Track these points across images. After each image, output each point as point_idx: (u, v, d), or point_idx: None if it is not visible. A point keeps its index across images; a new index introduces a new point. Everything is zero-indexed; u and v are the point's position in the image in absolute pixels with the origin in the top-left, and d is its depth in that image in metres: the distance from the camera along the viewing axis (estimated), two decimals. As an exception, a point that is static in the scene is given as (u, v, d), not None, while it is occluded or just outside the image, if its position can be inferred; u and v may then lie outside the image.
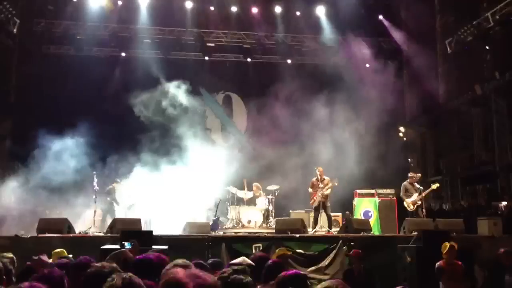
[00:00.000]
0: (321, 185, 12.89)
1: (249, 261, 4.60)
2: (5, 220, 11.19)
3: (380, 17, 16.86)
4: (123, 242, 7.46)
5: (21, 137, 14.25)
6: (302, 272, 3.79)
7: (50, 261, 6.01)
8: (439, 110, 16.11)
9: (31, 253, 7.10)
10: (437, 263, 7.20)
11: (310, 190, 12.61)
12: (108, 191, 13.00)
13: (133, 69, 15.50)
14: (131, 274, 2.38)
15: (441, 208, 15.05)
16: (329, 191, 12.49)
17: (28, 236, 9.71)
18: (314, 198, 12.50)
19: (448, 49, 15.60)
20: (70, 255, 6.38)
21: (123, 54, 16.31)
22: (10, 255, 5.52)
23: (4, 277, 3.99)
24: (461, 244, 7.72)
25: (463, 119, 15.29)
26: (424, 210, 12.25)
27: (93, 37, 15.84)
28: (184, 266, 3.31)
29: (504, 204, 13.08)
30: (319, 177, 12.57)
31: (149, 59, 16.26)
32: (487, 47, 14.38)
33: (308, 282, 3.45)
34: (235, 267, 3.07)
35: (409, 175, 12.81)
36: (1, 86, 15.13)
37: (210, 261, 4.96)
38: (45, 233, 9.88)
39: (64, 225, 10.49)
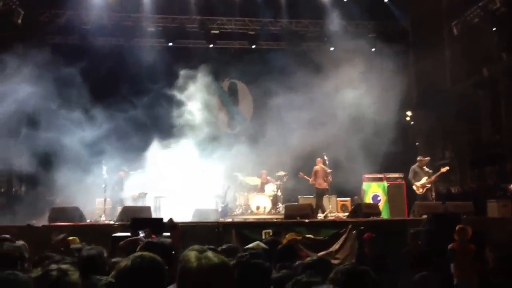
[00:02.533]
0: (329, 170, 13.02)
1: (263, 245, 4.62)
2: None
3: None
4: (137, 231, 7.50)
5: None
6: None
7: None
8: (446, 93, 16.01)
9: (43, 241, 7.19)
10: (449, 245, 7.21)
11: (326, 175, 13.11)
12: (116, 180, 13.04)
13: (137, 58, 15.44)
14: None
15: (450, 191, 15.02)
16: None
17: (40, 225, 9.80)
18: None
19: (455, 31, 15.46)
20: (83, 243, 6.44)
21: (127, 43, 16.27)
22: (21, 242, 5.60)
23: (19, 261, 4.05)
24: (471, 226, 7.71)
25: (471, 101, 15.19)
26: (433, 193, 12.26)
27: (97, 26, 15.78)
28: (201, 251, 3.33)
29: (513, 186, 13.05)
30: (327, 163, 12.84)
31: (154, 47, 16.21)
32: (493, 29, 14.23)
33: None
34: (253, 251, 3.08)
35: (417, 158, 12.81)
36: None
37: (224, 246, 4.97)
38: (56, 222, 9.98)
39: (76, 214, 10.60)
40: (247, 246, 4.71)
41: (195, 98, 15.15)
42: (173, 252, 4.17)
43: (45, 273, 2.44)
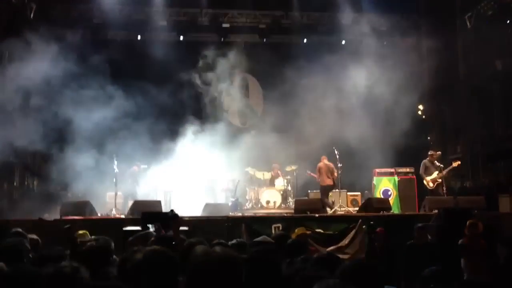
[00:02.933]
0: (339, 165, 13.01)
1: (269, 239, 4.62)
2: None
3: (398, -8, 16.52)
4: (147, 225, 7.56)
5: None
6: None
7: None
8: (459, 87, 15.84)
9: (55, 235, 7.25)
10: (460, 240, 7.16)
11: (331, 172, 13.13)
12: (129, 174, 13.14)
13: (149, 52, 15.47)
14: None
15: (461, 186, 14.90)
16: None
17: (52, 219, 9.90)
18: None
19: (468, 24, 15.28)
20: (93, 237, 6.49)
21: (139, 37, 16.32)
22: (34, 236, 5.66)
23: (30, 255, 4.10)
24: (483, 221, 7.65)
25: (484, 95, 15.00)
26: (444, 188, 12.17)
27: (109, 20, 15.82)
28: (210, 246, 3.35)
29: (526, 181, 12.91)
30: (337, 157, 12.85)
31: (165, 41, 16.23)
32: (507, 21, 14.03)
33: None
34: (264, 246, 3.07)
35: (429, 153, 12.74)
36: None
37: (234, 241, 4.97)
38: (68, 216, 10.07)
39: (87, 208, 10.69)
40: (255, 240, 4.71)
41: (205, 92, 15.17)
42: (173, 243, 4.23)
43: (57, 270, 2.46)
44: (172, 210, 4.51)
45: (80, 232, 6.64)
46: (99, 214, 11.50)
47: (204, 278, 2.05)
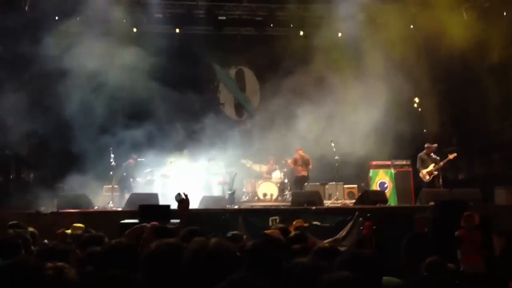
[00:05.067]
0: (336, 157, 13.06)
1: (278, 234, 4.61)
2: None
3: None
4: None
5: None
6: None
7: (69, 232, 6.18)
8: (455, 79, 15.86)
9: (51, 228, 7.25)
10: (456, 232, 7.22)
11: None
12: (125, 167, 13.12)
13: (145, 45, 15.37)
14: None
15: (457, 178, 14.96)
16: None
17: (49, 212, 9.89)
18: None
19: (464, 15, 15.27)
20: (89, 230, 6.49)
21: (134, 29, 16.20)
22: (31, 229, 5.66)
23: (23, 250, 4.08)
24: (479, 213, 7.70)
25: (479, 87, 15.02)
26: (440, 180, 12.22)
27: (104, 12, 15.68)
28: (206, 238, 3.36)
29: (522, 173, 12.97)
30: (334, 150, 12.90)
31: (161, 34, 16.12)
32: (504, 13, 14.03)
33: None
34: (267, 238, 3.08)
35: (425, 145, 12.78)
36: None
37: (229, 234, 5.00)
38: (64, 209, 10.06)
39: (83, 201, 10.69)
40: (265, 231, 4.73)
41: (201, 85, 15.12)
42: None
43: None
44: (179, 194, 4.51)
45: (76, 224, 6.66)
46: (96, 207, 11.51)
47: (198, 269, 2.06)
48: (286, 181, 14.00)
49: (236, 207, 11.95)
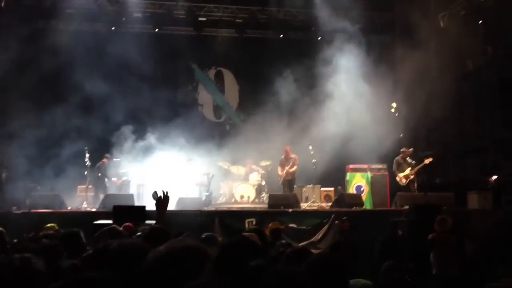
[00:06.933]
0: (314, 160, 13.08)
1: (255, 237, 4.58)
2: None
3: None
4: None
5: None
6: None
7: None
8: (431, 85, 16.07)
9: (23, 228, 7.11)
10: (430, 235, 7.30)
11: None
12: (98, 167, 12.91)
13: (123, 44, 15.20)
14: None
15: (432, 182, 15.14)
16: (294, 168, 13.28)
17: (20, 212, 9.70)
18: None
19: (441, 23, 15.50)
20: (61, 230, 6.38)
21: (113, 28, 16.01)
22: (0, 228, 5.53)
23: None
24: (452, 217, 7.80)
25: (455, 94, 15.25)
26: (415, 184, 12.36)
27: (82, 11, 15.50)
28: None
29: (494, 178, 13.19)
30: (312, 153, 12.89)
31: (140, 34, 15.98)
32: (479, 22, 14.29)
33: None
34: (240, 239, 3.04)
35: (401, 150, 12.93)
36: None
37: (203, 235, 4.95)
38: (37, 209, 9.88)
39: (56, 201, 10.52)
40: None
41: (180, 86, 15.01)
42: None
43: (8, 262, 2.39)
44: (155, 192, 4.43)
45: (48, 225, 6.54)
46: (69, 208, 11.33)
47: (165, 269, 2.02)
48: (263, 183, 13.99)
49: (212, 208, 11.89)
